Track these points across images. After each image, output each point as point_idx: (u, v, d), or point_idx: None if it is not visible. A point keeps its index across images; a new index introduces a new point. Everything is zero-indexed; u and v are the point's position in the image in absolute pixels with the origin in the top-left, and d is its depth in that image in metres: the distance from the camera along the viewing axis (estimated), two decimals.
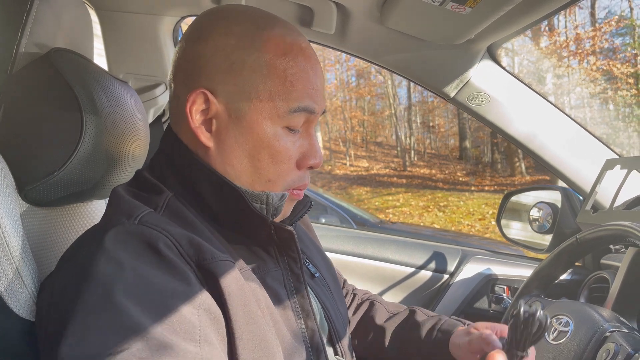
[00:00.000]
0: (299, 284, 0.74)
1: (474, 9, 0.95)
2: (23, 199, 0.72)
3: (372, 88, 22.01)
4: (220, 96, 0.69)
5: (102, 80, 0.80)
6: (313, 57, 0.72)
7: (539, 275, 1.09)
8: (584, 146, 1.35)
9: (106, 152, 0.79)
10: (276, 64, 0.68)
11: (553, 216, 1.47)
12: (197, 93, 0.68)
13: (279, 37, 0.69)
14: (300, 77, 0.69)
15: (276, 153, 0.70)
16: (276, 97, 0.68)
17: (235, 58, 0.68)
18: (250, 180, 0.71)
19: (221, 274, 0.60)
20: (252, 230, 0.71)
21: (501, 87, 1.30)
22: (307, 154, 0.73)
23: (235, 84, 0.68)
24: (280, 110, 0.69)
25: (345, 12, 1.18)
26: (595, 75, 13.45)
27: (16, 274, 0.63)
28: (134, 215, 0.62)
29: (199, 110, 0.69)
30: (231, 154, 0.70)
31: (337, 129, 23.06)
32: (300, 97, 0.69)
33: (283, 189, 0.73)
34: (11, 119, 0.72)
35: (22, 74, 0.74)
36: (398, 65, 1.33)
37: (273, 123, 0.69)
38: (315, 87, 0.71)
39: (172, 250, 0.59)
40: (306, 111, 0.70)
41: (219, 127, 0.70)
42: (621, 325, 0.85)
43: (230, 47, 0.68)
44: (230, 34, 0.69)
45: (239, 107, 0.69)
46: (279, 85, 0.68)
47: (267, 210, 0.72)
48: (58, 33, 0.80)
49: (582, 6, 14.45)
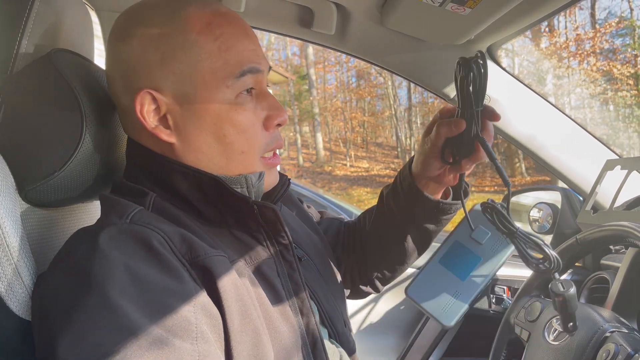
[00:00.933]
0: (292, 271, 0.73)
1: (474, 9, 0.95)
2: (23, 199, 0.72)
3: (372, 89, 22.02)
4: (164, 90, 0.68)
5: (103, 80, 0.80)
6: (236, 18, 0.72)
7: (539, 275, 1.09)
8: (584, 147, 1.35)
9: (107, 153, 0.79)
10: (204, 38, 0.67)
11: (553, 217, 1.47)
12: (141, 95, 0.68)
13: (198, 12, 0.68)
14: (232, 43, 0.69)
15: (239, 123, 0.69)
16: (217, 69, 0.68)
17: (164, 48, 0.67)
18: (224, 159, 0.70)
19: (215, 270, 0.60)
20: (237, 215, 0.70)
21: (501, 87, 1.31)
22: (270, 113, 0.73)
23: (173, 73, 0.67)
24: (226, 81, 0.68)
25: (345, 13, 1.18)
26: (596, 76, 13.45)
27: (16, 274, 0.63)
28: (125, 214, 0.62)
29: (150, 111, 0.69)
30: (197, 141, 0.70)
31: (338, 129, 23.08)
32: (240, 62, 0.69)
33: (259, 156, 0.73)
34: (11, 120, 0.73)
35: (23, 75, 0.74)
36: (398, 66, 1.33)
37: (224, 95, 0.68)
38: (250, 46, 0.70)
39: (165, 248, 0.59)
40: (251, 72, 0.70)
41: (175, 120, 0.69)
42: (621, 325, 0.85)
43: (155, 38, 0.67)
44: (151, 25, 0.68)
45: (186, 93, 0.68)
46: (215, 57, 0.67)
47: (249, 192, 0.71)
48: (58, 34, 0.80)
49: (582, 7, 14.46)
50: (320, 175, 18.57)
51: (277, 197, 0.81)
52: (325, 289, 0.82)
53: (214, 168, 0.70)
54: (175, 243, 0.61)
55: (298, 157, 20.35)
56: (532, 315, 1.01)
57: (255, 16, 1.23)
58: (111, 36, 0.72)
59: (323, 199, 5.12)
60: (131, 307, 0.52)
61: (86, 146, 0.73)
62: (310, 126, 21.93)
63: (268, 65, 0.74)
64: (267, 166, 0.75)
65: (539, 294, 1.09)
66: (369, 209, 1.04)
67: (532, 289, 1.10)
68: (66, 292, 0.55)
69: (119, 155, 0.82)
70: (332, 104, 23.01)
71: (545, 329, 0.95)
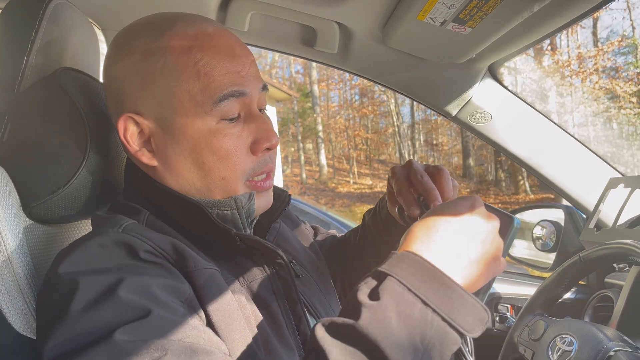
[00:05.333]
0: (288, 289, 0.72)
1: (475, 29, 0.96)
2: (27, 215, 0.73)
3: (375, 107, 22.12)
4: (146, 114, 0.68)
5: None
6: (224, 38, 0.69)
7: (543, 294, 1.09)
8: (587, 165, 1.35)
9: (109, 171, 0.79)
10: (184, 62, 0.66)
11: (556, 234, 1.46)
12: (124, 119, 0.68)
13: (181, 33, 0.67)
14: (213, 66, 0.66)
15: (218, 149, 0.67)
16: (196, 94, 0.66)
17: (144, 71, 0.67)
18: (205, 185, 0.69)
19: (203, 284, 0.60)
20: (221, 241, 0.69)
21: (503, 105, 1.31)
22: (259, 137, 0.70)
23: (153, 97, 0.67)
24: (205, 106, 0.66)
25: (347, 32, 1.20)
26: (598, 94, 13.48)
27: (18, 291, 0.63)
28: (118, 224, 0.63)
29: (135, 134, 0.69)
30: (177, 166, 0.69)
31: (341, 147, 23.13)
32: (221, 86, 0.66)
33: (243, 180, 0.70)
34: (17, 137, 0.73)
35: (29, 93, 0.75)
36: (400, 84, 1.34)
37: (204, 121, 0.66)
38: (234, 68, 0.68)
39: (157, 257, 0.60)
40: (234, 96, 0.67)
41: (157, 144, 0.69)
42: (625, 344, 0.84)
43: (137, 62, 0.67)
44: (134, 50, 0.68)
45: (165, 117, 0.67)
46: (194, 81, 0.66)
47: (240, 214, 0.70)
48: (65, 52, 0.81)
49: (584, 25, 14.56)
50: (324, 192, 18.56)
51: (276, 215, 0.81)
52: (326, 304, 0.82)
53: (196, 193, 0.70)
54: (167, 251, 0.61)
55: (301, 174, 20.37)
56: (535, 334, 1.00)
57: (259, 35, 1.24)
58: (105, 56, 0.73)
59: (326, 215, 5.11)
60: (116, 309, 0.52)
61: (90, 164, 0.74)
62: (313, 143, 22.00)
63: (259, 85, 0.72)
64: (257, 190, 0.73)
65: (543, 313, 1.08)
66: (356, 228, 1.05)
67: (535, 307, 1.09)
68: (56, 300, 0.55)
69: (121, 174, 0.83)
70: (335, 122, 23.10)
71: (549, 348, 0.94)
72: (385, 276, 0.50)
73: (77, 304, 0.52)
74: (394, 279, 0.50)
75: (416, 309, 0.48)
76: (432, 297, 0.49)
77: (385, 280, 0.50)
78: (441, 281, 0.50)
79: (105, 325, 0.51)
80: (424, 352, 0.47)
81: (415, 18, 0.96)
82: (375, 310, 0.48)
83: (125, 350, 0.49)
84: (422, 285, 0.49)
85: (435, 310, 0.48)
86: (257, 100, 0.72)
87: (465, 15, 0.91)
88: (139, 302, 0.53)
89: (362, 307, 0.48)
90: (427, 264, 0.51)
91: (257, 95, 0.72)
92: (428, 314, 0.48)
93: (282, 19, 1.19)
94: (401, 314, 0.48)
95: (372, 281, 0.51)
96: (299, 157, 21.09)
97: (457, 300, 0.49)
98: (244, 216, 0.71)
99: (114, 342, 0.49)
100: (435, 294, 0.49)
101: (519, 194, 15.11)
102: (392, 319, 0.47)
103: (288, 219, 0.98)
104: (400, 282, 0.49)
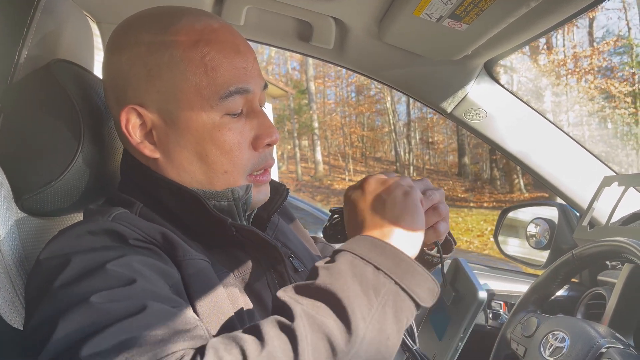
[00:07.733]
0: (283, 282, 0.72)
1: (471, 25, 0.96)
2: (20, 208, 0.72)
3: (371, 104, 22.12)
4: (149, 106, 0.68)
5: (102, 92, 0.80)
6: (229, 34, 0.70)
7: (536, 291, 1.09)
8: (582, 163, 1.36)
9: (103, 163, 0.79)
10: (191, 56, 0.66)
11: (550, 232, 1.47)
12: (127, 110, 0.68)
13: (188, 27, 0.67)
14: (220, 61, 0.67)
15: (222, 143, 0.68)
16: (202, 88, 0.67)
17: (151, 64, 0.67)
18: (207, 177, 0.70)
19: (192, 274, 0.61)
20: (216, 232, 0.69)
21: (498, 103, 1.31)
22: (260, 133, 0.71)
23: (158, 90, 0.67)
24: (210, 100, 0.67)
25: (343, 28, 1.19)
26: (593, 93, 13.54)
27: (10, 283, 0.63)
28: (108, 213, 0.63)
29: (136, 126, 0.69)
30: (180, 158, 0.69)
31: (337, 144, 23.13)
32: (227, 82, 0.67)
33: (244, 175, 0.71)
34: (10, 129, 0.73)
35: (22, 84, 0.74)
36: (396, 81, 1.34)
37: (208, 115, 0.67)
38: (240, 64, 0.69)
39: (146, 243, 0.60)
40: (239, 93, 0.68)
41: (160, 136, 0.69)
42: (617, 341, 0.85)
43: (143, 54, 0.67)
44: (140, 41, 0.68)
45: (169, 110, 0.68)
46: (201, 75, 0.66)
47: (237, 205, 0.71)
48: (59, 44, 0.80)
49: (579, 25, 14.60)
50: (319, 189, 18.55)
51: (274, 210, 0.81)
52: None
53: (196, 185, 0.70)
54: (157, 239, 0.61)
55: (297, 171, 20.35)
56: (528, 331, 1.01)
57: (255, 30, 1.24)
58: (106, 48, 0.73)
59: (321, 212, 5.11)
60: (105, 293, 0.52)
61: (83, 156, 0.74)
62: (309, 140, 21.98)
63: (262, 83, 0.73)
64: (255, 183, 0.74)
65: (535, 309, 1.09)
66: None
67: (528, 304, 1.09)
68: (42, 287, 0.55)
69: (115, 166, 0.82)
70: (331, 119, 23.09)
71: (542, 345, 0.95)
72: (337, 252, 0.56)
73: (63, 278, 0.53)
74: (347, 252, 0.56)
75: (368, 270, 0.54)
76: (384, 263, 0.54)
77: (339, 254, 0.56)
78: (391, 252, 0.55)
79: (88, 293, 0.51)
80: (379, 306, 0.52)
81: (412, 13, 0.96)
82: (331, 270, 0.54)
83: (104, 309, 0.50)
84: (372, 254, 0.55)
85: (388, 274, 0.53)
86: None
87: (462, 11, 0.91)
88: (125, 275, 0.53)
89: (319, 269, 0.54)
90: (376, 240, 0.57)
91: (259, 92, 0.73)
92: (380, 276, 0.53)
93: (278, 14, 1.18)
94: (355, 274, 0.53)
95: (328, 258, 0.57)
96: (295, 154, 21.07)
97: (406, 268, 0.55)
98: (240, 208, 0.71)
99: (93, 304, 0.50)
100: (385, 261, 0.54)
101: (514, 193, 15.16)
102: (347, 277, 0.53)
103: (284, 214, 0.97)
104: (352, 253, 0.55)
